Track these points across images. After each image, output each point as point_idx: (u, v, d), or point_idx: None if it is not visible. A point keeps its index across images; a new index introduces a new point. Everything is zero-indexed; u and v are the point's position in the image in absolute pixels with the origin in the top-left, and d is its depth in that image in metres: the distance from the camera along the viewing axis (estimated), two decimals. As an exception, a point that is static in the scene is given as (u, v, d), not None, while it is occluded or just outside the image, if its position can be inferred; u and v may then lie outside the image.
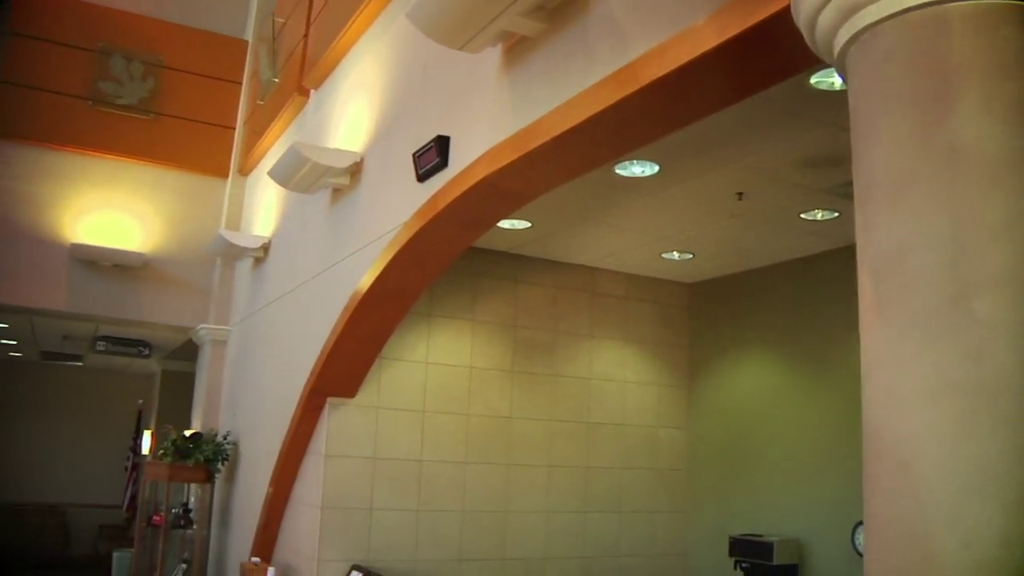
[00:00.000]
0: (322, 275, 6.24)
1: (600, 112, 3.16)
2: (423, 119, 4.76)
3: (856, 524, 5.88)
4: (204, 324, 9.37)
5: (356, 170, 5.72)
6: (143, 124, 9.50)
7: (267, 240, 8.10)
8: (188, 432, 8.15)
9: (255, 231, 8.65)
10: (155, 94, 9.58)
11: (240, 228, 9.35)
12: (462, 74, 4.39)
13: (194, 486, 8.48)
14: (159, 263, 9.38)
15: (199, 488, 8.24)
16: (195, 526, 8.02)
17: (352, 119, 6.03)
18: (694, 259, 6.93)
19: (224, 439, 8.11)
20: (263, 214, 8.53)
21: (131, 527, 10.16)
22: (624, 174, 4.97)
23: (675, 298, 7.75)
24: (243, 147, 9.62)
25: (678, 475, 7.54)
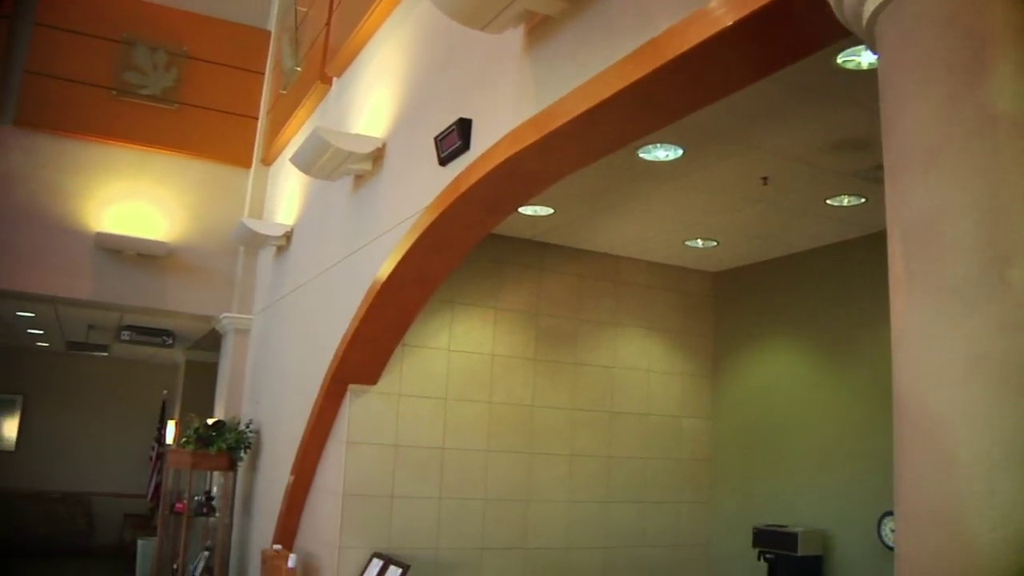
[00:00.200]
0: (344, 262, 6.22)
1: (622, 90, 3.11)
2: (445, 103, 4.72)
3: (883, 515, 5.81)
4: (227, 313, 9.40)
5: (378, 156, 5.70)
6: (167, 114, 9.53)
7: (289, 228, 8.11)
8: (211, 420, 8.16)
9: (278, 220, 8.66)
10: (179, 84, 9.60)
11: (263, 217, 9.36)
12: (484, 57, 4.35)
13: (217, 474, 8.51)
14: (183, 252, 9.41)
15: (222, 476, 8.26)
16: (217, 514, 8.04)
17: (374, 105, 6.00)
18: (718, 247, 6.86)
19: (246, 427, 8.12)
20: (286, 203, 8.54)
21: (155, 516, 10.21)
22: (648, 158, 4.92)
23: (699, 287, 7.69)
24: (266, 137, 9.64)
25: (701, 465, 7.48)
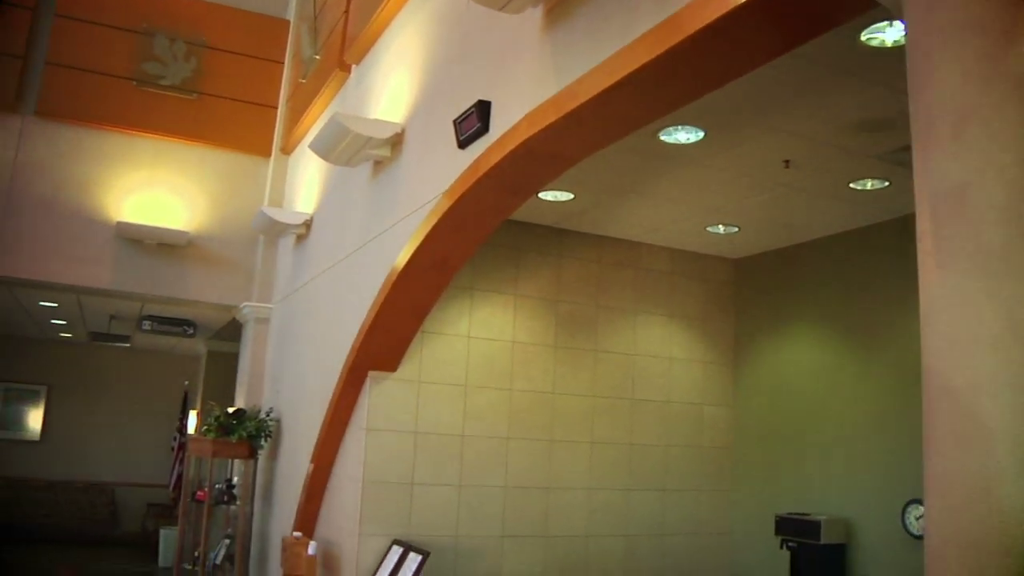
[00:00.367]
0: (363, 248, 6.21)
1: (640, 68, 3.07)
2: (464, 86, 4.69)
3: (907, 503, 5.76)
4: (247, 302, 9.42)
5: (397, 141, 5.67)
6: (187, 104, 9.56)
7: (309, 217, 8.11)
8: (231, 409, 8.19)
9: (297, 208, 8.67)
10: (198, 74, 9.63)
11: (283, 206, 9.37)
12: (503, 38, 4.32)
13: (237, 463, 8.54)
14: (203, 241, 9.45)
15: (242, 464, 8.29)
16: (238, 502, 8.07)
17: (393, 91, 5.98)
18: (740, 233, 6.80)
19: (267, 415, 8.14)
20: (305, 191, 8.54)
21: (178, 506, 10.27)
22: (668, 141, 4.87)
23: (721, 274, 7.63)
24: (285, 126, 9.64)
25: (723, 453, 7.44)
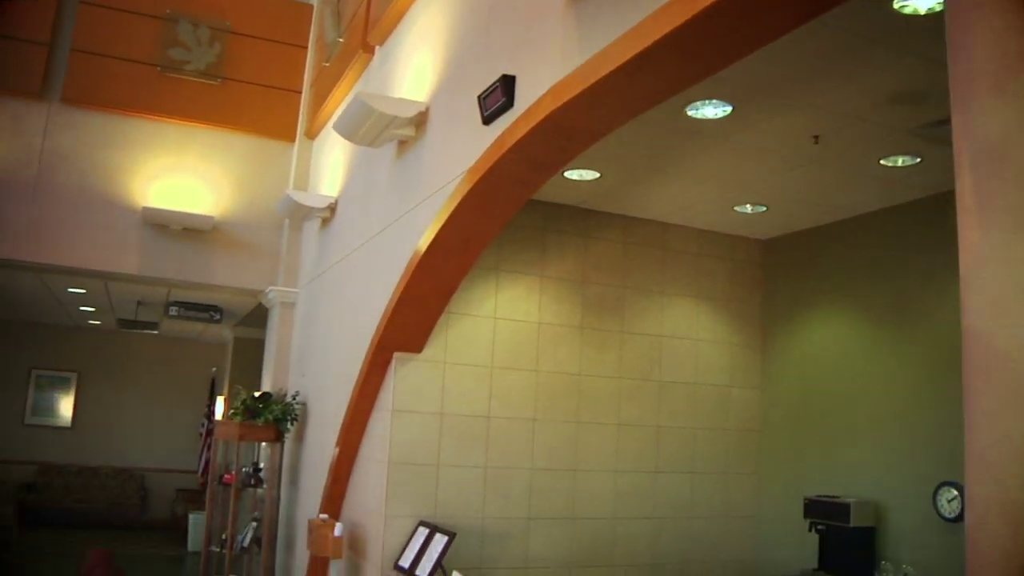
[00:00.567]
0: (388, 229, 6.18)
1: (667, 35, 2.99)
2: (488, 62, 4.64)
3: (938, 485, 5.67)
4: (273, 287, 9.44)
5: (421, 120, 5.63)
6: (211, 89, 9.57)
7: (334, 200, 8.09)
8: (257, 393, 8.21)
9: (322, 192, 8.66)
10: (222, 59, 9.64)
11: (308, 190, 9.36)
12: (527, 11, 4.26)
13: (264, 447, 8.56)
14: (228, 227, 9.47)
15: (269, 448, 8.31)
16: (265, 485, 8.10)
17: (417, 71, 5.94)
18: (767, 212, 6.71)
19: (293, 399, 8.16)
20: (330, 175, 8.52)
21: (206, 492, 10.34)
22: (696, 116, 4.80)
23: (748, 255, 7.54)
24: (309, 110, 9.63)
25: (751, 436, 7.37)
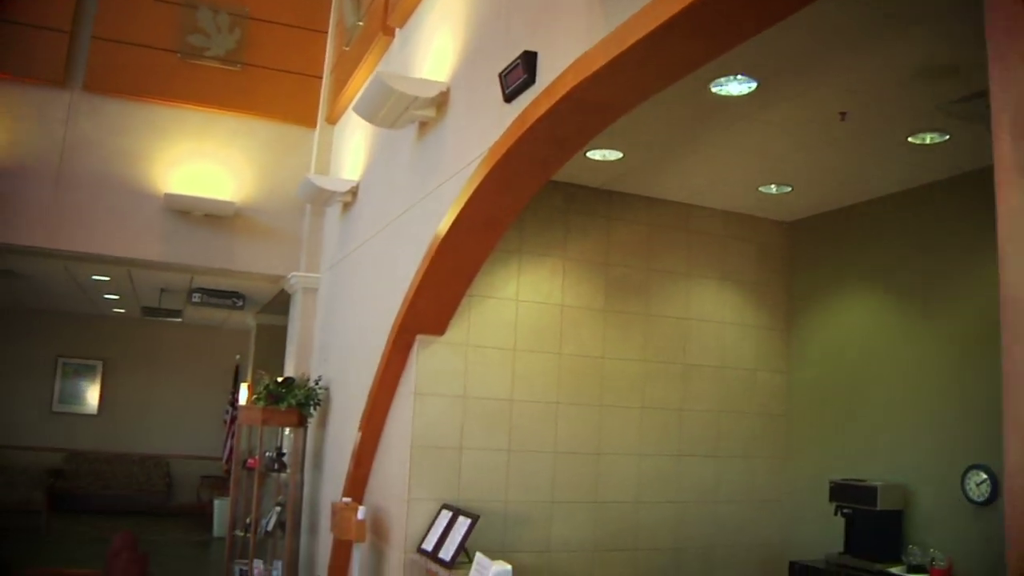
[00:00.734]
0: (409, 212, 6.15)
1: (689, 5, 2.93)
2: (509, 39, 4.58)
3: (967, 468, 5.59)
4: (295, 272, 9.44)
5: (443, 101, 5.58)
6: (231, 75, 9.58)
7: (355, 184, 8.07)
8: (280, 377, 8.21)
9: (343, 176, 8.63)
10: (242, 45, 9.64)
11: (329, 176, 9.35)
12: (548, -13, 4.20)
13: (287, 432, 8.57)
14: (250, 212, 9.48)
15: (292, 433, 8.32)
16: (289, 470, 8.10)
17: (438, 51, 5.89)
18: (793, 193, 6.62)
19: (316, 383, 8.15)
20: (351, 160, 8.50)
21: (231, 478, 10.40)
22: (720, 93, 4.72)
23: (774, 237, 7.46)
24: (330, 95, 9.61)
25: (776, 419, 7.30)
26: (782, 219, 7.46)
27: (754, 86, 4.65)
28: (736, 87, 4.67)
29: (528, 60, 4.12)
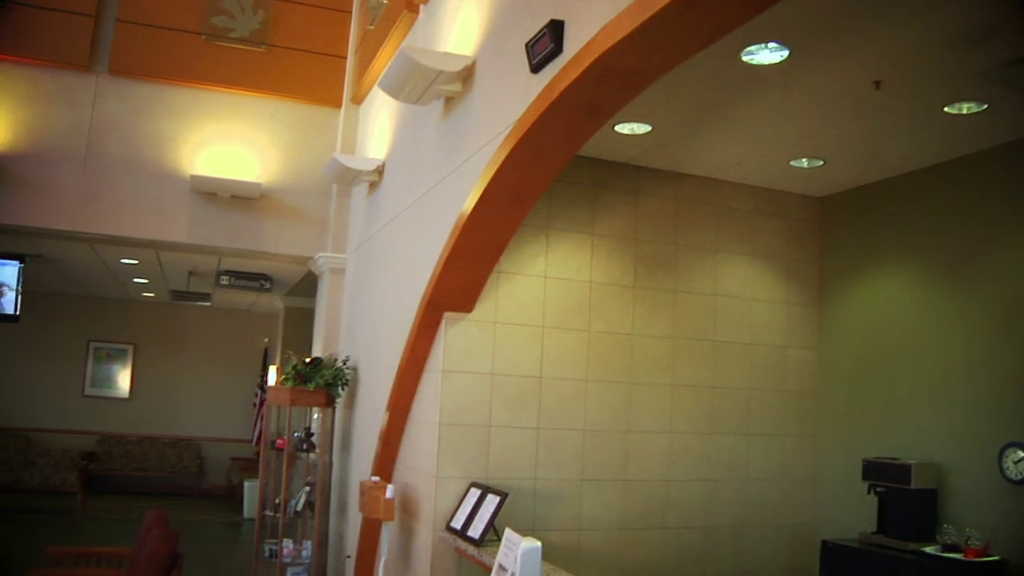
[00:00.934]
0: (436, 188, 6.10)
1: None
2: (535, 9, 4.51)
3: (1004, 446, 5.51)
4: (322, 253, 9.43)
5: (468, 75, 5.52)
6: (256, 56, 9.56)
7: (381, 163, 8.03)
8: (308, 358, 8.21)
9: (369, 155, 8.60)
10: (267, 26, 9.62)
11: (355, 155, 9.32)
12: (576, -46, 4.12)
13: (316, 412, 8.58)
14: (276, 193, 9.48)
15: (320, 414, 8.33)
16: (317, 450, 8.12)
17: (463, 25, 5.82)
18: (824, 166, 6.50)
19: (343, 363, 8.15)
20: (376, 139, 8.46)
21: (260, 459, 10.46)
22: (751, 62, 4.63)
23: (805, 212, 7.35)
24: (355, 75, 9.57)
25: (808, 397, 7.21)
26: (813, 194, 7.34)
27: (786, 54, 4.56)
28: (768, 55, 4.58)
29: (555, 29, 4.05)
